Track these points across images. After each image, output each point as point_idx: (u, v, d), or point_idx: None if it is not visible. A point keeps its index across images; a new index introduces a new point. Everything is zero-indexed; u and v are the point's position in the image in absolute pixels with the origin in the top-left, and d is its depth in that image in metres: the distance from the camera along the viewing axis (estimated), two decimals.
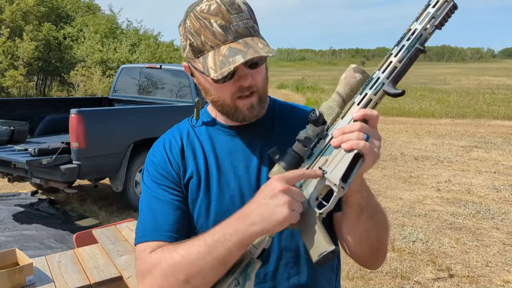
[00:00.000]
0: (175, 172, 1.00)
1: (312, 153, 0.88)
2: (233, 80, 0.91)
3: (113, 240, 2.82)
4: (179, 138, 1.05)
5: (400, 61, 0.84)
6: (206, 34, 0.88)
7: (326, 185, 0.85)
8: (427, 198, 5.78)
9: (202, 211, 0.99)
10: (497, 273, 3.72)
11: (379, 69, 0.86)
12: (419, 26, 0.83)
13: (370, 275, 3.63)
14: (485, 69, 54.91)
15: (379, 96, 0.85)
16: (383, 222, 0.98)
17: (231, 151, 1.01)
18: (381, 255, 1.02)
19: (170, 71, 6.49)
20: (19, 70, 15.82)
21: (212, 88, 0.95)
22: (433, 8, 0.83)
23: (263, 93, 0.96)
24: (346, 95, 0.89)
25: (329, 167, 0.85)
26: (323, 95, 21.75)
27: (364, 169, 0.84)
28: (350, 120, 0.86)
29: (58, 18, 20.13)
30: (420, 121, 13.42)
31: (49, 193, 5.91)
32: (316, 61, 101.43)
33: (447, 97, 20.20)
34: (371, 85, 0.86)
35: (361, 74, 0.89)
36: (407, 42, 0.84)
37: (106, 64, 17.07)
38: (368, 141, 0.82)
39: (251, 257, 0.89)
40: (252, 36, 0.89)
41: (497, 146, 9.42)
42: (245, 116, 0.96)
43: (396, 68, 0.85)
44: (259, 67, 0.93)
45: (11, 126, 5.17)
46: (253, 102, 0.94)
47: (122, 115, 5.27)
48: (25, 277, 2.26)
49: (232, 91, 0.93)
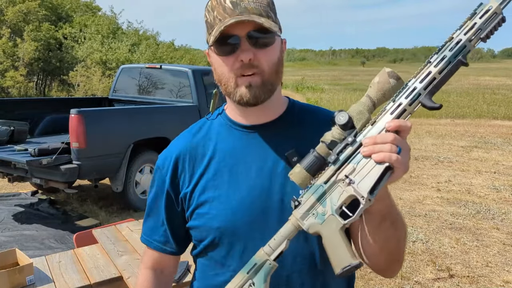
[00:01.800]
0: (179, 180, 1.03)
1: (338, 159, 0.84)
2: (235, 55, 0.90)
3: (113, 240, 2.82)
4: (194, 140, 1.05)
5: (440, 72, 0.80)
6: (218, 9, 0.90)
7: (352, 194, 0.82)
8: (427, 198, 5.77)
9: (212, 211, 0.98)
10: (497, 273, 3.72)
11: (416, 78, 0.81)
12: (464, 37, 0.78)
13: (370, 275, 3.63)
14: (485, 69, 54.88)
15: (414, 107, 0.81)
16: (402, 230, 0.95)
17: (245, 152, 0.99)
18: (398, 264, 1.00)
19: (170, 71, 6.49)
20: (19, 71, 15.82)
21: (218, 65, 0.94)
22: (480, 19, 0.77)
23: (268, 78, 0.93)
24: (378, 100, 0.84)
25: (356, 177, 0.82)
26: (323, 95, 21.74)
27: (392, 181, 0.81)
28: (382, 129, 0.81)
29: (58, 18, 20.14)
30: (420, 121, 13.41)
31: (49, 193, 5.91)
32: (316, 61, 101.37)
33: (447, 97, 20.19)
34: (407, 95, 0.81)
35: (396, 80, 0.83)
36: (449, 53, 0.79)
37: (106, 64, 17.06)
38: (400, 153, 0.79)
39: (267, 258, 0.87)
40: (261, 16, 0.89)
41: (497, 146, 9.42)
42: (242, 95, 0.92)
43: (434, 79, 0.80)
44: (266, 48, 0.91)
45: (11, 126, 5.17)
46: (252, 82, 0.91)
47: (122, 115, 5.27)
48: (25, 277, 2.26)
49: (234, 67, 0.91)
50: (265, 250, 0.88)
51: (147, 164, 5.33)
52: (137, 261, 2.50)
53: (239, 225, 0.96)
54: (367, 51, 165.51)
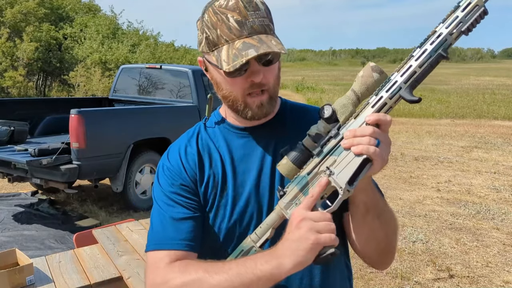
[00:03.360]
0: (190, 180, 1.00)
1: (322, 151, 0.88)
2: (245, 76, 0.91)
3: (113, 241, 2.82)
4: (194, 144, 1.04)
5: (421, 66, 0.81)
6: (222, 28, 0.89)
7: (332, 186, 0.86)
8: (427, 199, 5.78)
9: (219, 214, 0.99)
10: (497, 273, 3.72)
11: (398, 71, 0.83)
12: (445, 31, 0.79)
13: (370, 275, 3.63)
14: (485, 69, 54.90)
15: (395, 100, 0.83)
16: (391, 223, 0.98)
17: (246, 154, 1.02)
18: (389, 256, 1.03)
19: (170, 71, 6.49)
20: (18, 71, 15.82)
21: (224, 83, 0.95)
22: (462, 12, 0.77)
23: (274, 93, 0.96)
24: (362, 93, 0.87)
25: (336, 169, 0.85)
26: (323, 95, 21.73)
27: (371, 173, 0.85)
28: (362, 123, 0.84)
29: (58, 18, 20.13)
30: (420, 122, 13.42)
31: (49, 194, 5.91)
32: (316, 62, 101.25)
33: (447, 97, 20.17)
34: (388, 88, 0.83)
35: (379, 74, 0.86)
36: (430, 47, 0.80)
37: (105, 65, 17.05)
38: (378, 146, 0.82)
39: (252, 245, 0.91)
40: (267, 34, 0.90)
41: (497, 146, 9.41)
42: (254, 114, 0.96)
43: (415, 73, 0.82)
44: (272, 65, 0.93)
45: (11, 127, 5.17)
46: (263, 100, 0.94)
47: (122, 116, 5.28)
48: (25, 277, 2.26)
49: (243, 87, 0.93)
50: (251, 237, 0.92)
51: (147, 164, 5.33)
52: (137, 261, 2.50)
53: (245, 226, 0.99)
54: (367, 51, 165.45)
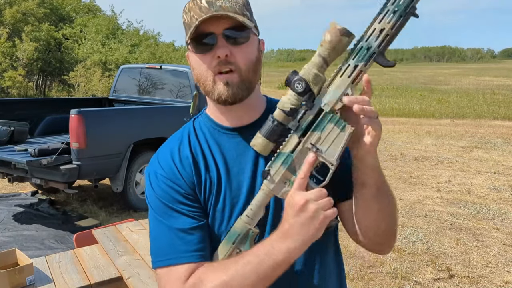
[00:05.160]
0: (188, 186, 0.98)
1: (299, 125, 0.87)
2: (212, 53, 0.92)
3: (113, 241, 2.82)
4: (187, 148, 1.01)
5: (392, 27, 0.80)
6: (195, 9, 0.92)
7: (320, 161, 0.86)
8: (427, 199, 5.77)
9: (217, 217, 0.98)
10: (497, 273, 3.72)
11: (369, 36, 0.82)
12: None
13: (370, 275, 3.63)
14: (485, 69, 54.87)
15: (369, 66, 0.84)
16: (394, 199, 0.99)
17: (238, 154, 1.00)
18: (394, 236, 1.04)
19: (170, 71, 6.49)
20: (18, 71, 15.82)
21: (196, 63, 0.96)
22: None
23: (246, 77, 0.94)
24: (331, 59, 0.85)
25: (323, 145, 0.85)
26: None
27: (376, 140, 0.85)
28: (340, 94, 0.84)
29: (58, 19, 20.13)
30: (420, 122, 13.42)
31: (49, 194, 5.91)
32: None
33: (447, 97, 20.18)
34: (363, 56, 0.82)
35: (348, 37, 0.83)
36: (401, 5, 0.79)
37: (105, 65, 17.05)
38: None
39: (249, 228, 0.92)
40: (237, 14, 0.91)
41: (497, 146, 9.41)
42: (220, 93, 0.93)
43: (387, 36, 0.81)
44: (241, 45, 0.93)
45: (11, 127, 5.17)
46: (230, 80, 0.92)
47: (122, 116, 5.28)
48: (25, 277, 2.26)
49: (211, 64, 0.93)
50: (244, 219, 0.92)
51: (147, 165, 5.32)
52: (137, 261, 2.50)
53: None
54: None
